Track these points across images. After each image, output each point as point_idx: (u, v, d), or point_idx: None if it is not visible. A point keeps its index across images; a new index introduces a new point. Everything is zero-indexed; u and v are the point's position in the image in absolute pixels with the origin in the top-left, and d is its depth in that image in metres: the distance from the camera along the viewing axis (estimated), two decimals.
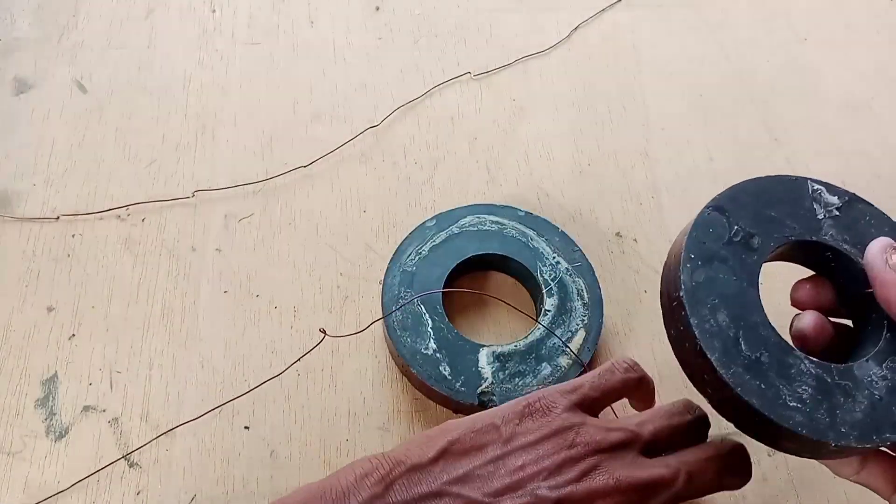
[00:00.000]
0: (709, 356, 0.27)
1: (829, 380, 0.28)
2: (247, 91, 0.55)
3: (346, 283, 0.47)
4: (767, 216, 0.31)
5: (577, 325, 0.43)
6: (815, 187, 0.32)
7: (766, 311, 0.29)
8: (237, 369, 0.44)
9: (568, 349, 0.42)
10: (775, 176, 0.32)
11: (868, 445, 0.27)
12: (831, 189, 0.32)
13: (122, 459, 0.40)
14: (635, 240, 0.50)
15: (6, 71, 0.55)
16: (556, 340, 0.43)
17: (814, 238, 0.31)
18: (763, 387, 0.27)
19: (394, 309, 0.43)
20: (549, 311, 0.44)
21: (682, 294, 0.28)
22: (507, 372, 0.42)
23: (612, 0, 0.61)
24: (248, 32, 0.58)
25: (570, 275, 0.45)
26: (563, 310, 0.44)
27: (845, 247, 0.31)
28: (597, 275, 0.45)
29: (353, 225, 0.49)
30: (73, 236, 0.48)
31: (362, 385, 0.43)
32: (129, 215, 0.49)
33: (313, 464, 0.41)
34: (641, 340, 0.46)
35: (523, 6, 0.61)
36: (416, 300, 0.43)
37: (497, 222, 0.47)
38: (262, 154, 0.52)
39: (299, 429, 0.42)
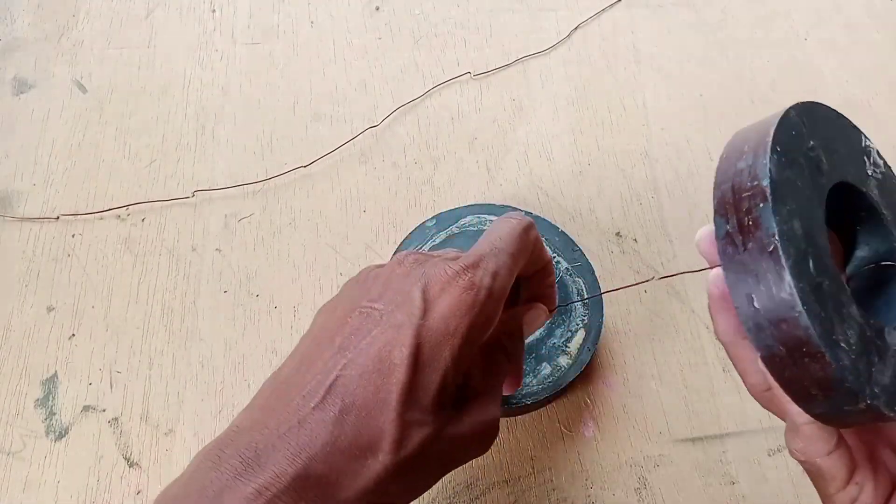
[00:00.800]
0: (783, 260, 0.22)
1: (868, 333, 0.24)
2: (247, 91, 0.55)
3: None
4: (833, 148, 0.27)
5: (577, 324, 0.43)
6: (868, 143, 0.29)
7: None
8: (237, 369, 0.44)
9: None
10: (838, 113, 0.28)
11: (892, 414, 0.24)
12: (878, 153, 0.29)
13: (122, 459, 0.40)
14: (635, 240, 0.50)
15: (6, 71, 0.55)
16: (556, 340, 0.43)
17: (864, 189, 0.27)
18: (823, 315, 0.23)
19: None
20: None
21: (766, 184, 0.23)
22: None
23: (612, 0, 0.61)
24: (248, 32, 0.58)
25: (570, 275, 0.45)
26: (563, 310, 0.44)
27: (885, 212, 0.28)
28: (597, 275, 0.45)
29: (353, 225, 0.49)
30: (73, 236, 0.48)
31: None
32: (129, 215, 0.49)
33: None
34: (641, 340, 0.46)
35: (523, 6, 0.61)
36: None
37: None
38: (262, 154, 0.52)
39: None
